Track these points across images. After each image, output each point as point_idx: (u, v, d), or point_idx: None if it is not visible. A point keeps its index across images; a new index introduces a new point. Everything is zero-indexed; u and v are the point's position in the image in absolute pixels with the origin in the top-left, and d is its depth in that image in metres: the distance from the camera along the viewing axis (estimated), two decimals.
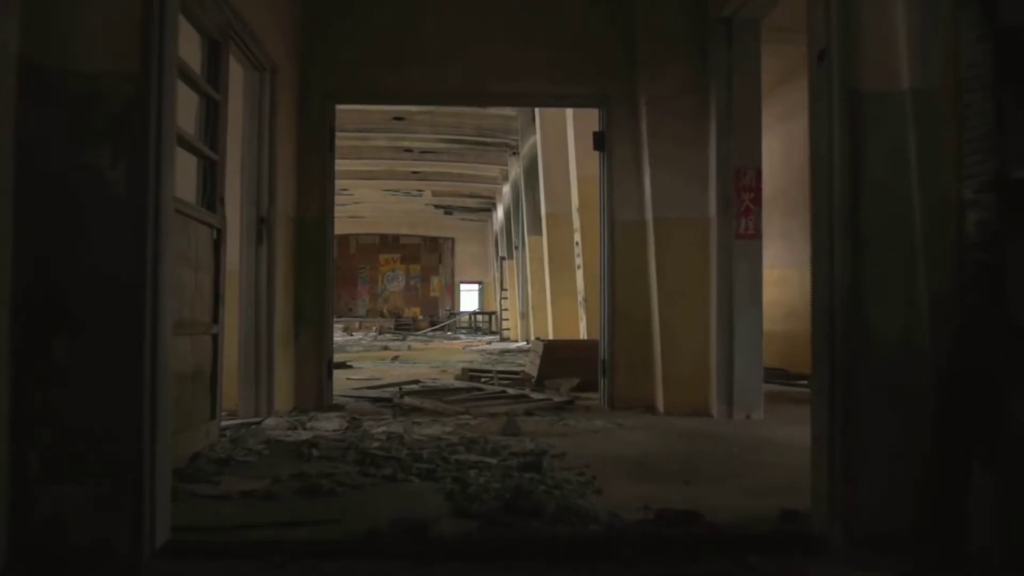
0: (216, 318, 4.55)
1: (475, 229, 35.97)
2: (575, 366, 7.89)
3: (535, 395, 6.92)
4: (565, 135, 10.71)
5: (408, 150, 21.45)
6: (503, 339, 22.51)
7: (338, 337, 26.68)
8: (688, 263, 6.15)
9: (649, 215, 6.32)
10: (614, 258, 6.48)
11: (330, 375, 6.48)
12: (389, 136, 19.49)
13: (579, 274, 9.95)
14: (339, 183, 27.75)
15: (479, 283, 37.38)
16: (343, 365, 10.94)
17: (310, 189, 6.45)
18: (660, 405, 6.21)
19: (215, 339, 4.55)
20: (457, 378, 8.36)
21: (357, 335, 26.95)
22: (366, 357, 13.87)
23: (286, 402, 6.05)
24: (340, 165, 23.71)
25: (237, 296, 5.47)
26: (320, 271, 6.38)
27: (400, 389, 7.00)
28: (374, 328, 26.55)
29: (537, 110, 13.01)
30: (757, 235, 5.94)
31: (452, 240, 37.77)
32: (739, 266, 5.89)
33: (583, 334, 9.74)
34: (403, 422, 5.49)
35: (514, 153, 19.84)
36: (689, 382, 6.11)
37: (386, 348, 16.58)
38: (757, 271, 5.96)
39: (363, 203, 31.40)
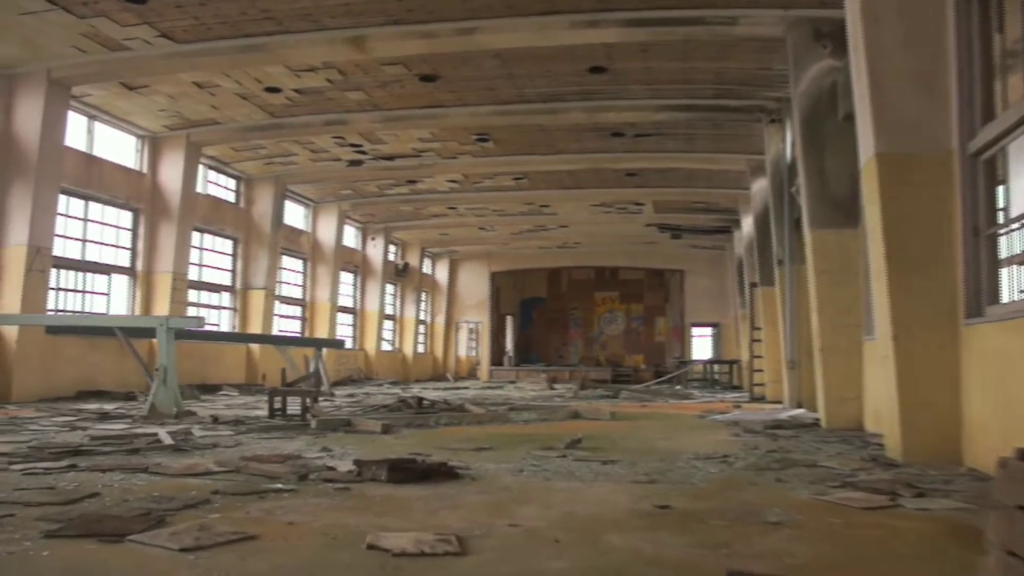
0: None
1: (709, 259, 29.18)
2: None
3: None
4: None
5: (618, 134, 15.43)
6: (754, 398, 15.69)
7: (530, 389, 20.88)
8: None
9: None
10: None
11: None
12: (587, 106, 13.58)
13: None
14: (535, 195, 22.38)
15: (714, 325, 30.29)
16: (439, 469, 4.91)
17: None
18: None
19: None
20: None
21: (559, 387, 21.00)
22: (525, 437, 7.81)
23: None
24: (526, 164, 18.18)
25: None
26: None
27: None
28: (576, 381, 20.43)
29: None
30: None
31: (681, 273, 31.07)
32: None
33: None
34: None
35: (774, 120, 13.22)
36: None
37: (576, 416, 10.42)
38: None
39: (570, 226, 25.76)
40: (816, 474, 5.18)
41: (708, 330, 30.96)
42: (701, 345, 31.44)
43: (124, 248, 14.83)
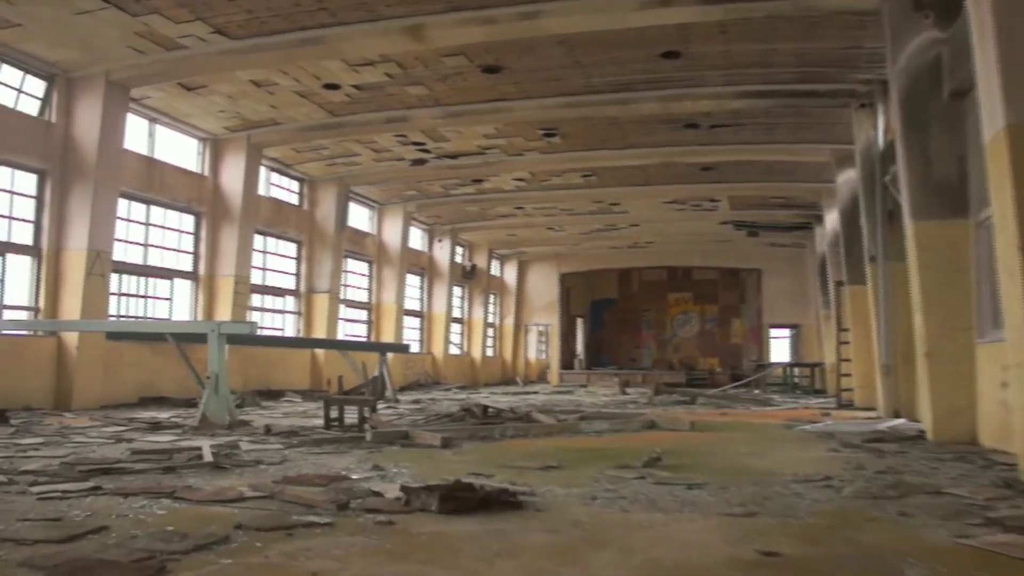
0: None
1: (787, 257, 27.84)
2: None
3: None
4: None
5: (692, 125, 14.58)
6: (842, 404, 14.68)
7: (601, 394, 19.97)
8: None
9: None
10: None
11: None
12: (659, 95, 12.79)
13: None
14: (605, 193, 21.51)
15: (794, 326, 28.93)
16: (499, 498, 4.26)
17: None
18: None
19: None
20: None
21: (632, 392, 20.22)
22: (597, 452, 7.13)
23: None
24: (596, 159, 17.35)
25: None
26: None
27: None
28: (650, 385, 19.58)
29: None
30: None
31: (758, 272, 29.80)
32: None
33: None
34: None
35: (864, 104, 12.22)
36: None
37: (652, 426, 9.68)
38: None
39: (641, 225, 24.89)
40: (945, 505, 4.37)
41: (787, 331, 29.63)
42: (779, 347, 30.12)
43: (186, 252, 14.63)
